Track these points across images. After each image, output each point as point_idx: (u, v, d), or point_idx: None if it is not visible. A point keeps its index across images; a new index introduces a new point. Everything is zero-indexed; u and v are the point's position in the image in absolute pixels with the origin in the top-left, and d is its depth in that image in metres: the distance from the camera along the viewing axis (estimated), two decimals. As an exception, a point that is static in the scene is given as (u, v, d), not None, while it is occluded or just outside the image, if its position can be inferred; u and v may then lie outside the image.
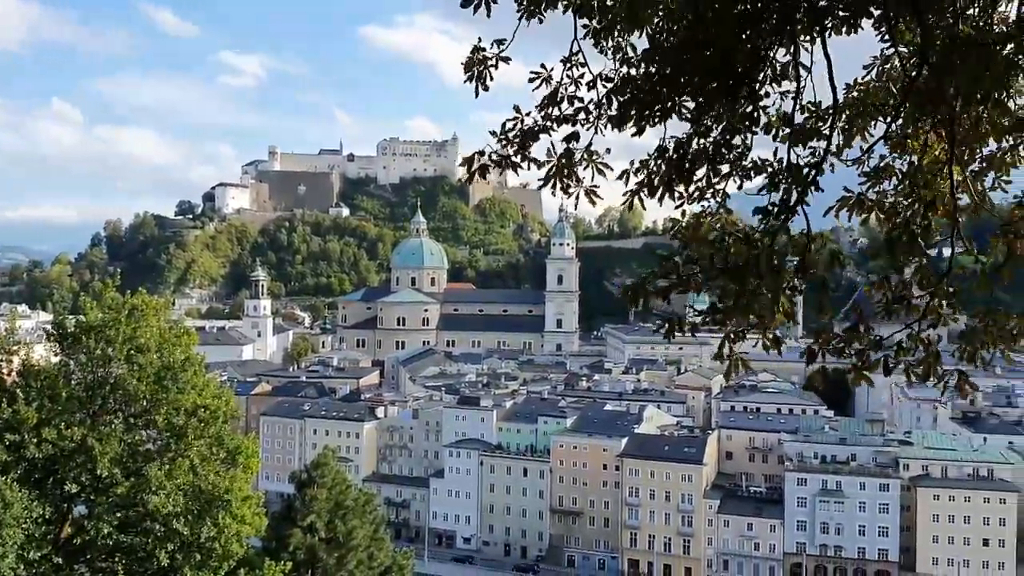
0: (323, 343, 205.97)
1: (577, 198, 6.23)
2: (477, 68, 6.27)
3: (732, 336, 5.61)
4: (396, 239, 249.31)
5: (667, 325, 5.65)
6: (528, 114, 6.14)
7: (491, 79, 6.31)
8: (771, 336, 5.63)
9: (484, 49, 6.23)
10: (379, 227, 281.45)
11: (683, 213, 5.88)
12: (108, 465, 20.94)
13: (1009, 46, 5.59)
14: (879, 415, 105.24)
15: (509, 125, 6.13)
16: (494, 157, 6.15)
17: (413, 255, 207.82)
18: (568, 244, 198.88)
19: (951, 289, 5.71)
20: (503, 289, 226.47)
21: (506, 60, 6.25)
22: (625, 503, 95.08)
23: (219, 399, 22.97)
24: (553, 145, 6.10)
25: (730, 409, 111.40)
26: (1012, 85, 5.62)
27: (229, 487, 21.61)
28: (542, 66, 6.23)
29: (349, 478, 39.65)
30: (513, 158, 6.16)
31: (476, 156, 6.21)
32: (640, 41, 6.02)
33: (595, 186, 6.09)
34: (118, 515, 21.02)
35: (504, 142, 6.14)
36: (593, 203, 6.23)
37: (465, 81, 6.28)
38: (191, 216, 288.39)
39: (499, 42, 6.20)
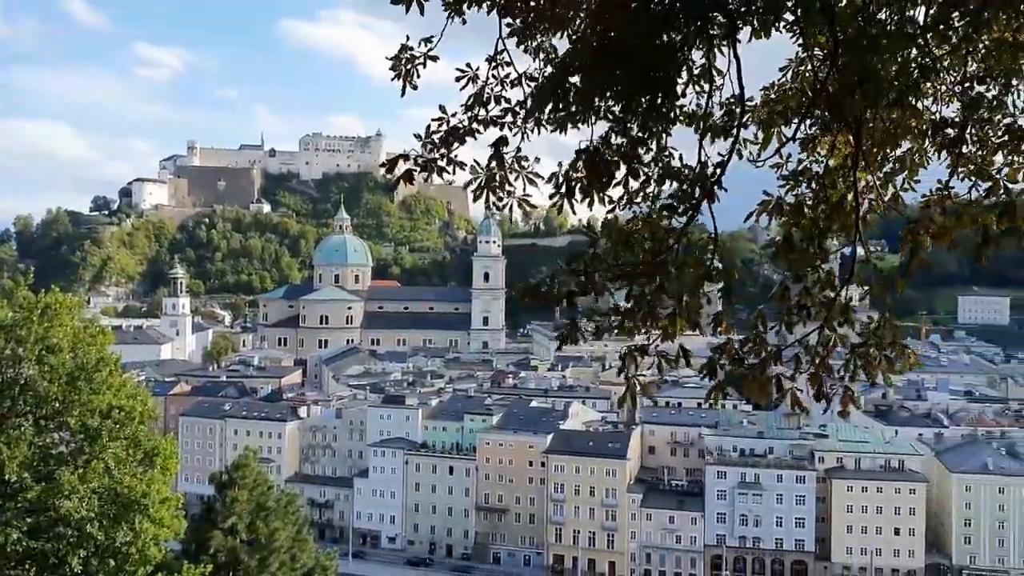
0: (244, 342, 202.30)
1: (511, 210, 6.18)
2: (404, 67, 6.20)
3: (635, 354, 5.56)
4: (319, 236, 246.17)
5: (564, 333, 5.61)
6: (454, 115, 6.08)
7: (418, 77, 6.25)
8: (677, 350, 5.58)
9: (411, 48, 6.17)
10: (301, 224, 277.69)
11: (613, 212, 5.89)
12: (17, 469, 20.21)
13: (916, 50, 5.79)
14: (795, 409, 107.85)
15: (434, 127, 6.05)
16: (419, 161, 6.06)
17: (336, 252, 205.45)
18: (494, 242, 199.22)
19: (853, 296, 5.77)
20: (429, 287, 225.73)
21: (434, 59, 6.19)
22: (550, 499, 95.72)
23: (135, 399, 22.37)
24: (477, 162, 6.00)
25: (653, 404, 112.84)
26: (920, 88, 5.81)
27: (146, 490, 21.06)
28: (467, 65, 6.19)
29: (271, 479, 39.09)
30: (439, 162, 6.07)
31: (400, 160, 6.11)
32: (563, 42, 6.05)
33: (527, 195, 6.04)
34: (28, 520, 20.31)
35: (429, 145, 6.05)
36: (527, 213, 6.21)
37: (393, 79, 6.21)
38: (107, 212, 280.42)
39: (427, 40, 6.14)
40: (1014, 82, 6.09)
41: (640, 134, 5.67)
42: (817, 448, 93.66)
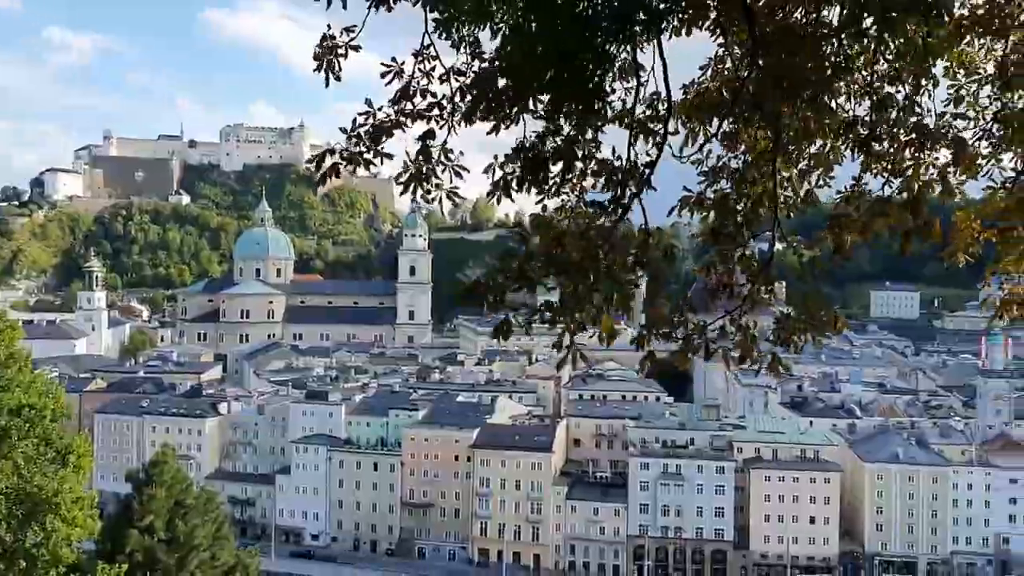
0: (162, 337, 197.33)
1: (441, 202, 6.17)
2: (327, 57, 6.14)
3: (572, 328, 5.68)
4: (240, 228, 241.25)
5: (500, 327, 5.68)
6: (380, 108, 6.05)
7: (340, 68, 6.20)
8: (607, 327, 5.71)
9: (334, 37, 6.11)
10: (222, 216, 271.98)
11: (543, 209, 5.94)
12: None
13: (832, 49, 5.96)
14: (715, 401, 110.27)
15: (360, 120, 6.01)
16: (345, 155, 6.01)
17: (258, 245, 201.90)
18: (421, 235, 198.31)
19: (770, 278, 5.99)
20: (353, 281, 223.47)
21: (356, 48, 6.14)
22: (476, 493, 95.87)
23: (47, 397, 21.71)
24: (408, 153, 6.00)
25: (578, 398, 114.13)
26: (834, 87, 5.99)
27: (58, 489, 20.46)
28: (393, 59, 6.16)
29: (190, 476, 38.35)
30: (365, 155, 6.03)
31: (326, 155, 6.06)
32: (489, 35, 6.04)
33: (455, 188, 6.05)
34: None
35: (355, 139, 6.01)
36: (456, 204, 6.24)
37: (315, 70, 6.15)
38: (17, 203, 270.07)
39: (348, 30, 6.09)
40: (923, 83, 6.32)
41: (573, 132, 5.73)
42: (736, 439, 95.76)
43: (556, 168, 5.80)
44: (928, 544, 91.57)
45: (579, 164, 5.85)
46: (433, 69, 6.04)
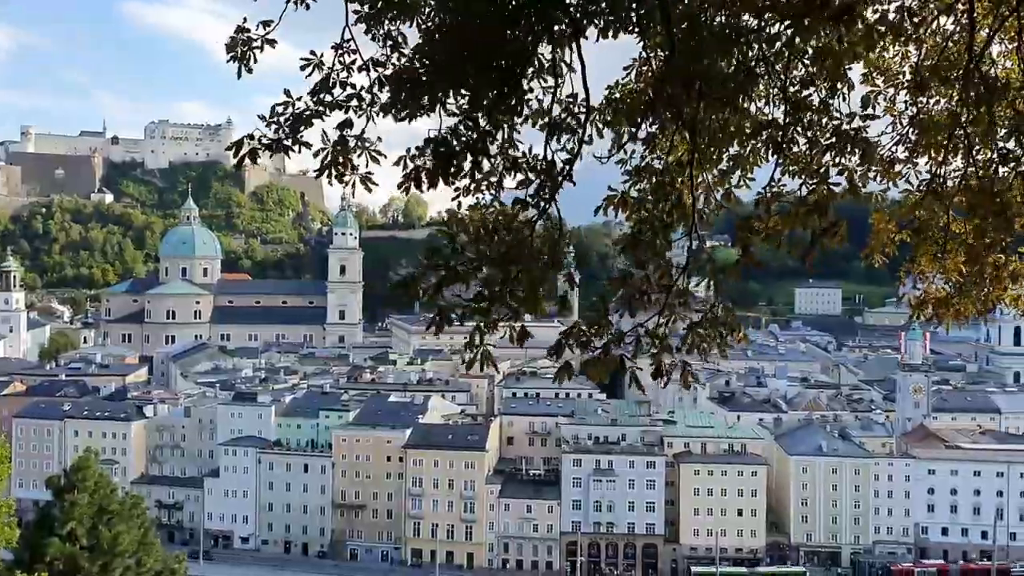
0: (85, 338, 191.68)
1: (354, 186, 6.17)
2: (240, 49, 6.09)
3: (483, 328, 5.70)
4: (166, 227, 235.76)
5: (433, 320, 5.69)
6: (299, 99, 6.02)
7: (255, 61, 6.15)
8: (519, 328, 5.75)
9: (248, 30, 6.06)
10: (147, 214, 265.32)
11: (459, 205, 5.97)
12: None
13: (750, 53, 6.08)
14: (646, 397, 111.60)
15: (279, 109, 5.99)
16: (264, 141, 5.98)
17: (184, 244, 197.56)
18: (351, 234, 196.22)
19: (687, 286, 6.09)
20: (282, 280, 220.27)
21: (272, 43, 6.10)
22: (408, 493, 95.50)
23: (-40, 402, 20.94)
24: (326, 133, 6.00)
25: (512, 396, 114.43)
26: (751, 90, 6.12)
27: (-28, 497, 19.75)
28: (312, 53, 6.14)
29: (114, 481, 37.41)
30: (285, 142, 6.00)
31: (245, 140, 6.01)
32: (412, 30, 6.06)
33: (370, 173, 6.06)
34: None
35: (275, 127, 5.98)
36: (369, 190, 6.20)
37: (228, 62, 6.10)
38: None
39: (265, 23, 6.04)
40: (839, 87, 6.48)
41: (487, 127, 5.76)
42: (666, 434, 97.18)
43: (468, 163, 5.84)
44: (851, 534, 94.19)
45: (493, 160, 5.88)
46: (354, 62, 6.03)
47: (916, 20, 6.80)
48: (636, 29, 5.90)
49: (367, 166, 5.98)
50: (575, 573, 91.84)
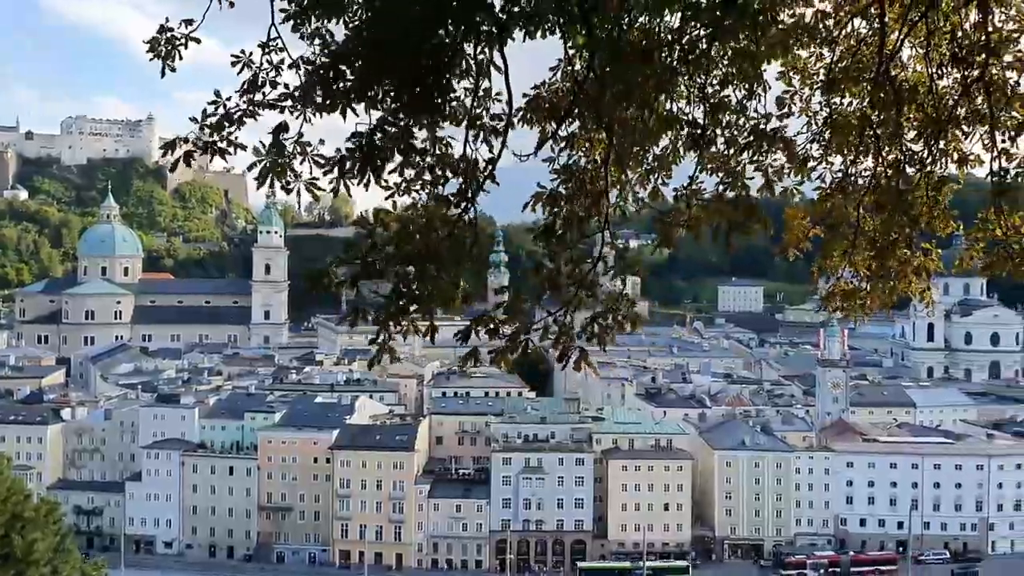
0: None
1: (299, 193, 6.11)
2: (165, 47, 6.01)
3: (391, 325, 5.74)
4: (84, 225, 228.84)
5: (349, 315, 5.70)
6: (229, 99, 5.96)
7: (180, 58, 6.08)
8: (428, 324, 5.82)
9: (172, 28, 5.99)
10: (64, 212, 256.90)
11: (394, 205, 5.97)
12: None
13: (668, 54, 6.23)
14: (575, 394, 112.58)
15: (210, 110, 5.92)
16: (197, 143, 5.91)
17: (103, 243, 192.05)
18: (276, 232, 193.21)
19: (593, 278, 6.25)
20: (206, 279, 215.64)
21: (196, 40, 6.04)
22: (336, 495, 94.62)
23: None
24: (262, 143, 5.93)
25: (441, 395, 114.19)
26: (669, 91, 6.28)
27: None
28: (241, 51, 6.08)
29: (29, 487, 36.26)
30: (218, 144, 5.94)
31: (178, 142, 5.93)
32: (340, 28, 6.04)
33: (314, 178, 5.99)
34: None
35: (206, 128, 5.91)
36: (316, 197, 6.19)
37: (151, 60, 6.01)
38: None
39: (188, 21, 5.98)
40: (756, 87, 6.69)
41: (412, 126, 5.79)
42: (595, 431, 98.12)
43: (395, 160, 5.85)
44: (773, 527, 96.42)
45: (416, 158, 5.91)
46: (282, 61, 5.99)
47: (830, 23, 7.05)
48: (560, 30, 6.00)
49: (310, 172, 5.93)
50: (504, 571, 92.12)
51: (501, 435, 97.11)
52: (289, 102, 5.92)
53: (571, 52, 6.31)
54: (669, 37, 6.09)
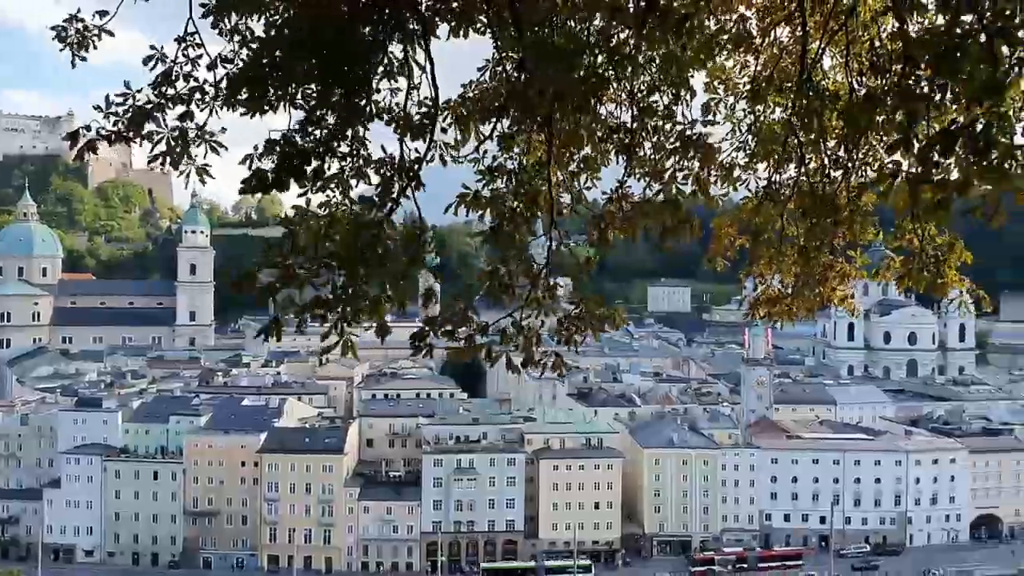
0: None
1: (189, 176, 6.00)
2: (75, 38, 5.85)
3: (343, 321, 5.62)
4: (0, 224, 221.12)
5: (266, 327, 5.53)
6: (140, 91, 5.82)
7: (95, 48, 5.96)
8: (379, 324, 5.71)
9: (83, 20, 5.82)
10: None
11: (307, 203, 5.85)
12: None
13: (599, 58, 6.25)
14: (507, 394, 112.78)
15: (119, 100, 5.76)
16: (103, 132, 5.73)
17: (20, 242, 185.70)
18: (202, 231, 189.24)
19: (553, 280, 6.23)
20: (129, 280, 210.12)
21: (110, 33, 5.88)
22: (264, 499, 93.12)
23: None
24: (165, 121, 5.81)
25: (371, 397, 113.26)
26: (598, 95, 6.29)
27: None
28: (152, 47, 5.95)
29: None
30: (125, 134, 5.77)
31: (81, 130, 5.76)
32: (260, 25, 5.94)
33: (207, 164, 5.91)
34: None
35: (114, 118, 5.75)
36: (203, 182, 6.07)
37: (61, 51, 5.85)
38: None
39: (101, 13, 5.82)
40: (682, 94, 6.75)
41: (336, 125, 5.70)
42: (527, 431, 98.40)
43: (315, 162, 5.76)
44: (700, 523, 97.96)
45: (343, 160, 5.82)
46: (200, 56, 5.86)
47: (754, 31, 7.15)
48: (487, 30, 5.96)
49: (205, 156, 5.83)
50: (436, 573, 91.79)
51: (432, 437, 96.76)
52: (204, 97, 5.81)
53: (501, 52, 6.28)
54: (597, 39, 6.11)
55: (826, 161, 7.32)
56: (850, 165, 7.26)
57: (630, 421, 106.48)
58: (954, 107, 4.68)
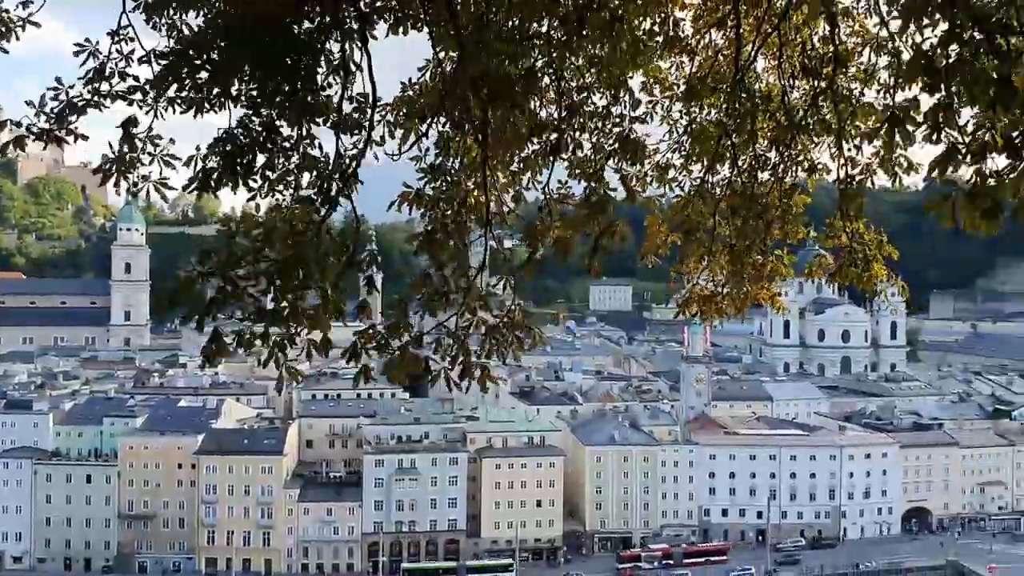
0: None
1: (148, 194, 5.84)
2: None
3: (281, 343, 5.38)
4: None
5: (208, 348, 5.27)
6: (72, 87, 5.64)
7: (17, 39, 5.79)
8: (320, 338, 5.48)
9: (7, 10, 5.67)
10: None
11: (256, 208, 5.76)
12: None
13: (535, 57, 6.28)
14: (449, 394, 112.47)
15: (50, 95, 5.59)
16: (32, 129, 5.55)
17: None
18: (137, 229, 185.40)
19: (485, 288, 6.17)
20: (60, 279, 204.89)
21: (35, 24, 5.73)
22: (202, 501, 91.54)
23: None
24: (111, 144, 5.62)
25: (311, 398, 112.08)
26: (536, 94, 6.33)
27: None
28: (87, 40, 5.79)
29: None
30: (56, 131, 5.60)
31: (10, 125, 5.57)
32: (197, 20, 5.82)
33: (165, 178, 5.71)
34: None
35: (44, 115, 5.57)
36: (165, 198, 5.94)
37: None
38: None
39: (25, 4, 5.66)
40: (619, 94, 6.82)
41: (277, 122, 5.61)
42: (469, 430, 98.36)
43: (259, 160, 5.63)
44: (641, 519, 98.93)
45: (286, 158, 5.72)
46: (132, 52, 5.73)
47: (688, 33, 7.26)
48: (426, 27, 5.95)
49: (160, 173, 5.65)
50: (377, 573, 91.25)
51: (373, 437, 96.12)
52: (139, 95, 5.67)
53: (439, 51, 6.26)
54: (534, 39, 6.14)
55: (755, 163, 7.46)
56: (781, 166, 7.41)
57: (572, 419, 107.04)
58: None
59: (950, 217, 4.20)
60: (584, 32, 5.99)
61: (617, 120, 6.86)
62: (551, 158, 6.57)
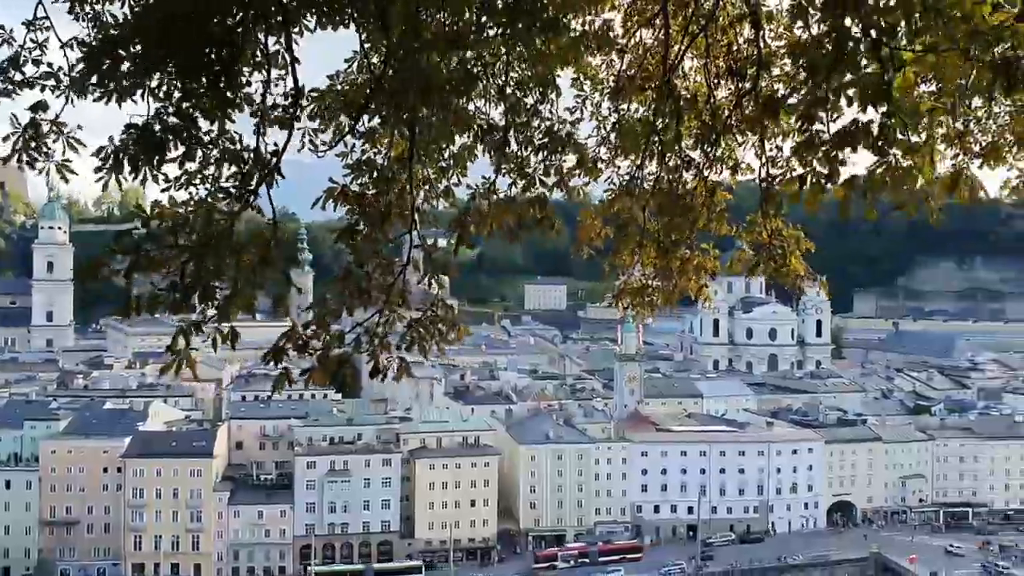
0: None
1: (48, 173, 5.72)
2: None
3: (188, 329, 5.35)
4: None
5: (120, 308, 5.28)
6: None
7: None
8: (228, 329, 5.45)
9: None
10: None
11: (171, 200, 5.64)
12: None
13: (469, 54, 6.30)
14: (383, 395, 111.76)
15: None
16: None
17: None
18: (60, 227, 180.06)
19: (405, 284, 6.16)
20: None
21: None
22: (128, 505, 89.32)
23: None
24: (16, 117, 5.51)
25: (241, 399, 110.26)
26: (468, 91, 6.35)
27: None
28: (1, 27, 5.64)
29: None
30: None
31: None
32: (121, 11, 5.71)
33: (68, 160, 5.62)
34: None
35: None
36: (65, 180, 5.78)
37: None
38: None
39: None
40: (549, 91, 6.89)
41: (195, 114, 5.53)
42: (403, 431, 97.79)
43: (176, 151, 5.55)
44: (575, 517, 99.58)
45: (199, 150, 5.63)
46: (47, 40, 5.60)
47: (618, 32, 7.36)
48: (353, 23, 5.91)
49: (64, 153, 5.54)
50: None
51: (305, 439, 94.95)
52: (52, 82, 5.55)
53: (367, 46, 6.23)
54: (468, 37, 6.15)
55: (679, 162, 7.59)
56: (705, 164, 7.56)
57: (507, 418, 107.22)
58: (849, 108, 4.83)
59: (796, 198, 5.40)
60: (517, 28, 6.02)
61: (548, 116, 6.93)
62: (487, 154, 6.60)
